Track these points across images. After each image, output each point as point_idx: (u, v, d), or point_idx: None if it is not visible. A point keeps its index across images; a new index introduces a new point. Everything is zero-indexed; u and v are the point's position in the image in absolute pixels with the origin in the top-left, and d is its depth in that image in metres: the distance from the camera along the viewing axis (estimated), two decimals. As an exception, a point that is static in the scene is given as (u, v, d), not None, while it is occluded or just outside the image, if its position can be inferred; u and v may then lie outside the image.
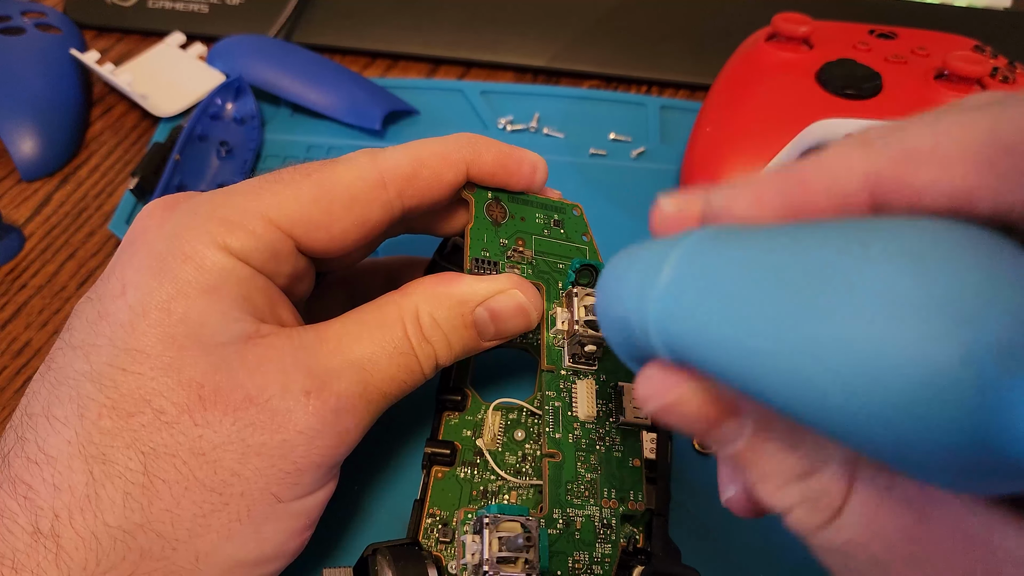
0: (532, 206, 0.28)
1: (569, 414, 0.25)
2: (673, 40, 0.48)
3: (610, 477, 0.25)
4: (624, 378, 0.27)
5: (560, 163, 0.42)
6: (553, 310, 0.26)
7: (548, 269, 0.27)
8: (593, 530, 0.24)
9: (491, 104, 0.45)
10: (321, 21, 0.48)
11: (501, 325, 0.25)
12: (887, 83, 0.36)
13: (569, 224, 0.28)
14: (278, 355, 0.22)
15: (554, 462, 0.25)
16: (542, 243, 0.27)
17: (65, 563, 0.20)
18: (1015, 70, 0.38)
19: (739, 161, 0.36)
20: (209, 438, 0.21)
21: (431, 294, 0.24)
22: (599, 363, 0.26)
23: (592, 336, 0.25)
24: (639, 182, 0.41)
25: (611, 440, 0.26)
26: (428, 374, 0.24)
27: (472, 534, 0.22)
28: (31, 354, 0.34)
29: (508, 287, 0.25)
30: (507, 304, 0.25)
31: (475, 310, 0.24)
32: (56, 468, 0.20)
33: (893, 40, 0.39)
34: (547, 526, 0.24)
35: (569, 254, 0.28)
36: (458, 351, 0.25)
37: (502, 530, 0.22)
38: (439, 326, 0.24)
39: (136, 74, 0.44)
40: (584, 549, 0.24)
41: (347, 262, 0.28)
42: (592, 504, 0.25)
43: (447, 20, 0.48)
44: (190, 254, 0.22)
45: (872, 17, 0.43)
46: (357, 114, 0.42)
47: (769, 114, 0.36)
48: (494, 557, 0.22)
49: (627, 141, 0.43)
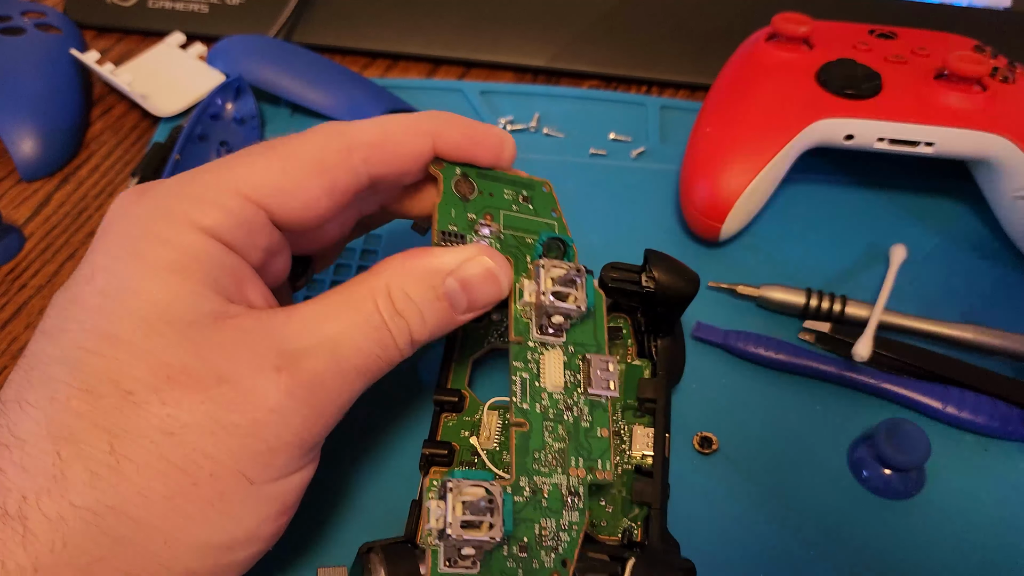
0: (501, 182, 0.28)
1: (537, 384, 0.25)
2: (673, 40, 0.48)
3: (578, 447, 0.25)
4: (592, 349, 0.27)
5: (560, 163, 0.42)
6: (520, 283, 0.26)
7: (516, 244, 0.27)
8: (560, 498, 0.24)
9: (491, 104, 0.45)
10: (321, 21, 0.48)
11: (473, 294, 0.25)
12: (887, 83, 0.36)
13: (538, 200, 0.28)
14: (248, 335, 0.22)
15: (521, 431, 0.25)
16: (511, 219, 0.27)
17: (32, 545, 0.19)
18: (1015, 70, 0.38)
19: (739, 161, 0.36)
20: (179, 418, 0.21)
21: (400, 269, 0.24)
22: (567, 334, 0.26)
23: (559, 307, 0.25)
24: (639, 182, 0.41)
25: (579, 410, 0.26)
26: (404, 350, 0.24)
27: (437, 500, 0.22)
28: (31, 354, 0.34)
29: (476, 254, 0.25)
30: (476, 271, 0.25)
31: (446, 281, 0.24)
32: (25, 450, 0.20)
33: (893, 40, 0.39)
34: (514, 493, 0.24)
35: (538, 229, 0.28)
36: (432, 326, 0.24)
37: (466, 495, 0.22)
38: (411, 300, 0.24)
39: (136, 74, 0.44)
40: (551, 516, 0.24)
41: (324, 241, 0.28)
42: (559, 473, 0.25)
43: (447, 20, 0.48)
44: (160, 235, 0.22)
45: (872, 17, 0.43)
46: (357, 114, 0.42)
47: (769, 114, 0.36)
48: (458, 521, 0.22)
49: (627, 141, 0.43)
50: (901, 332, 0.35)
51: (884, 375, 0.33)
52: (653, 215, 0.40)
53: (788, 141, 0.36)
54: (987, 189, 0.38)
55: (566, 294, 0.26)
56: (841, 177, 0.42)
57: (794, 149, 0.36)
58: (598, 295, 0.27)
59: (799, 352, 0.33)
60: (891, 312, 0.35)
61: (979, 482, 0.31)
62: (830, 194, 0.41)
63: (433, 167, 0.27)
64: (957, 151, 0.36)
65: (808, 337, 0.35)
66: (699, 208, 0.36)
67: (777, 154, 0.36)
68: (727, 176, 0.36)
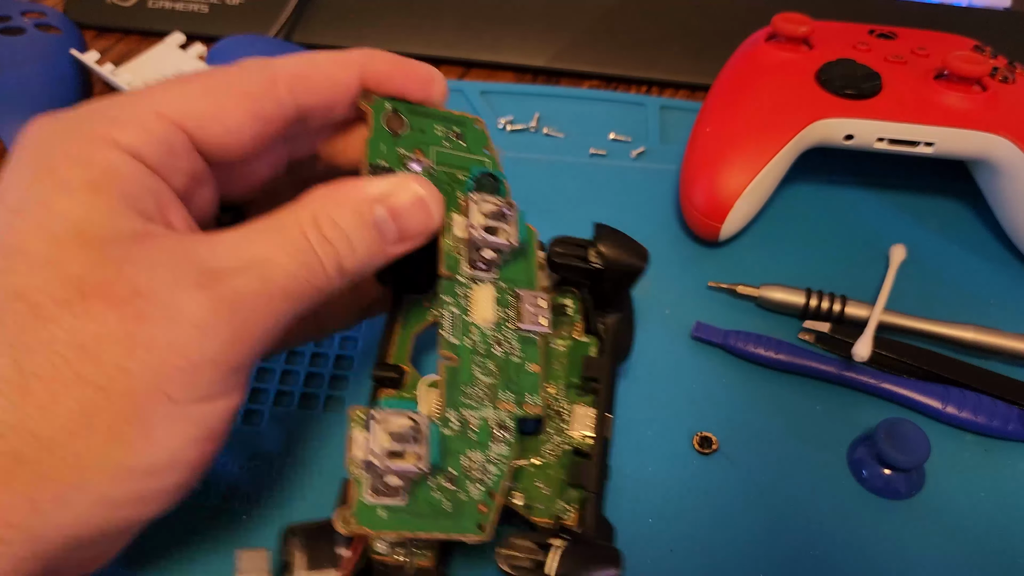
0: (432, 118, 0.27)
1: (466, 319, 0.25)
2: (673, 40, 0.48)
3: (508, 381, 0.25)
4: (523, 285, 0.26)
5: (560, 163, 0.42)
6: (451, 218, 0.26)
7: (448, 180, 0.27)
8: (489, 431, 0.24)
9: (491, 104, 0.45)
10: (321, 21, 0.48)
11: (402, 222, 0.24)
12: (887, 83, 0.36)
13: (470, 137, 0.28)
14: (168, 253, 0.21)
15: (450, 366, 0.24)
16: (442, 155, 0.27)
17: None
18: (1015, 70, 0.38)
19: (739, 161, 0.36)
20: (92, 330, 0.20)
21: (327, 198, 0.23)
22: (499, 270, 0.26)
23: (490, 241, 0.25)
24: (639, 182, 0.41)
25: (509, 346, 0.26)
26: (333, 277, 0.23)
27: (361, 430, 0.22)
28: (31, 354, 0.34)
29: (405, 182, 0.24)
30: (405, 199, 0.24)
31: (374, 209, 0.24)
32: None
33: (893, 40, 0.39)
34: (442, 426, 0.24)
35: (470, 166, 0.27)
36: (362, 254, 0.24)
37: (392, 426, 0.22)
38: (339, 227, 0.23)
39: (136, 74, 0.44)
40: (479, 449, 0.24)
41: (253, 181, 0.27)
42: (489, 407, 0.25)
43: (447, 20, 0.48)
44: (75, 153, 0.21)
45: (872, 17, 0.43)
46: (357, 114, 0.42)
47: (769, 114, 0.36)
48: (383, 451, 0.22)
49: (627, 141, 0.43)
50: (901, 332, 0.35)
51: (884, 375, 0.33)
52: (653, 215, 0.40)
53: (788, 141, 0.36)
54: (987, 189, 0.38)
55: (497, 228, 0.25)
56: (841, 177, 0.42)
57: (794, 149, 0.36)
58: (530, 232, 0.27)
59: (799, 352, 0.33)
60: (891, 312, 0.35)
61: (979, 482, 0.31)
62: (830, 194, 0.41)
63: (363, 102, 0.26)
64: (957, 151, 0.36)
65: (808, 337, 0.35)
66: (699, 208, 0.36)
67: (777, 154, 0.36)
68: (727, 176, 0.36)
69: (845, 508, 0.30)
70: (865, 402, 0.33)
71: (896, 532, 0.29)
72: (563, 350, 0.29)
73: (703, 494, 0.30)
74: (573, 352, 0.29)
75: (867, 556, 0.29)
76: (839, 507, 0.30)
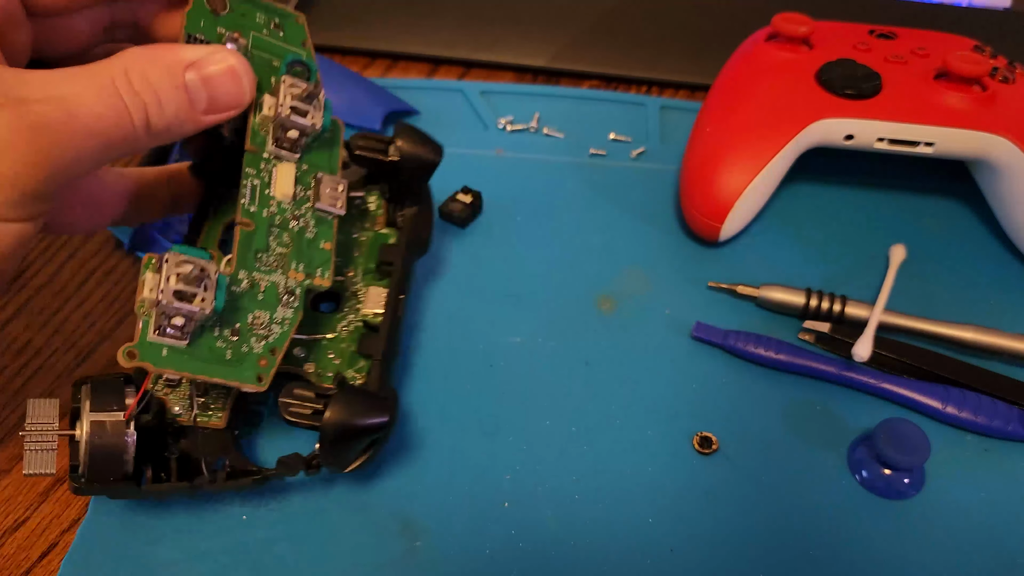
0: (255, 6, 0.29)
1: (266, 193, 0.27)
2: (673, 40, 0.48)
3: (299, 254, 0.27)
4: (325, 170, 0.29)
5: (560, 163, 0.42)
6: (262, 98, 0.27)
7: (262, 64, 0.28)
8: (276, 295, 0.27)
9: (491, 104, 0.45)
10: (321, 21, 0.48)
11: (214, 91, 0.25)
12: (887, 83, 0.36)
13: (290, 29, 0.29)
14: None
15: (246, 231, 0.26)
16: (259, 40, 0.28)
17: None
18: (1015, 70, 0.38)
19: (739, 161, 0.36)
20: None
21: (140, 55, 0.24)
22: (303, 153, 0.28)
23: (295, 122, 0.27)
24: (639, 182, 0.41)
25: (305, 222, 0.28)
26: (140, 130, 0.24)
27: (152, 272, 0.24)
28: (31, 353, 0.34)
29: (219, 52, 0.25)
30: (218, 68, 0.25)
31: (186, 73, 0.24)
32: None
33: (893, 40, 0.39)
34: (232, 284, 0.26)
35: (285, 55, 0.29)
36: (171, 116, 0.24)
37: (181, 269, 0.24)
38: (149, 82, 0.23)
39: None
40: (265, 309, 0.26)
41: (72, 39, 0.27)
42: (279, 274, 0.27)
43: (447, 20, 0.48)
44: None
45: (872, 17, 0.43)
46: (357, 114, 0.42)
47: (769, 114, 0.36)
48: (171, 290, 0.23)
49: (627, 141, 0.43)
50: (901, 332, 0.35)
51: (884, 375, 0.33)
52: (653, 215, 0.40)
53: (788, 141, 0.36)
54: (987, 189, 0.38)
55: (304, 110, 0.27)
56: (841, 177, 0.42)
57: (794, 149, 0.36)
58: (337, 125, 0.30)
59: (799, 352, 0.34)
60: (891, 312, 0.35)
61: (979, 482, 0.31)
62: (830, 194, 0.41)
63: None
64: (957, 151, 0.36)
65: (808, 337, 0.35)
66: (699, 208, 0.36)
67: (777, 154, 0.36)
68: (727, 176, 0.36)
69: (845, 508, 0.30)
70: (865, 402, 0.33)
71: (896, 532, 0.30)
72: (364, 240, 0.32)
73: (703, 494, 0.30)
74: (373, 242, 0.32)
75: (867, 556, 0.29)
76: (839, 507, 0.30)
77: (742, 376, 0.34)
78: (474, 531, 0.29)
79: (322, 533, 0.29)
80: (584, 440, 0.32)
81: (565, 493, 0.30)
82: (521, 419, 0.32)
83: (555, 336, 0.35)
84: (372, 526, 0.29)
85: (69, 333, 0.35)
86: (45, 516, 0.30)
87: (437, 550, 0.29)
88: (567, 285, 0.37)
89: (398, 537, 0.29)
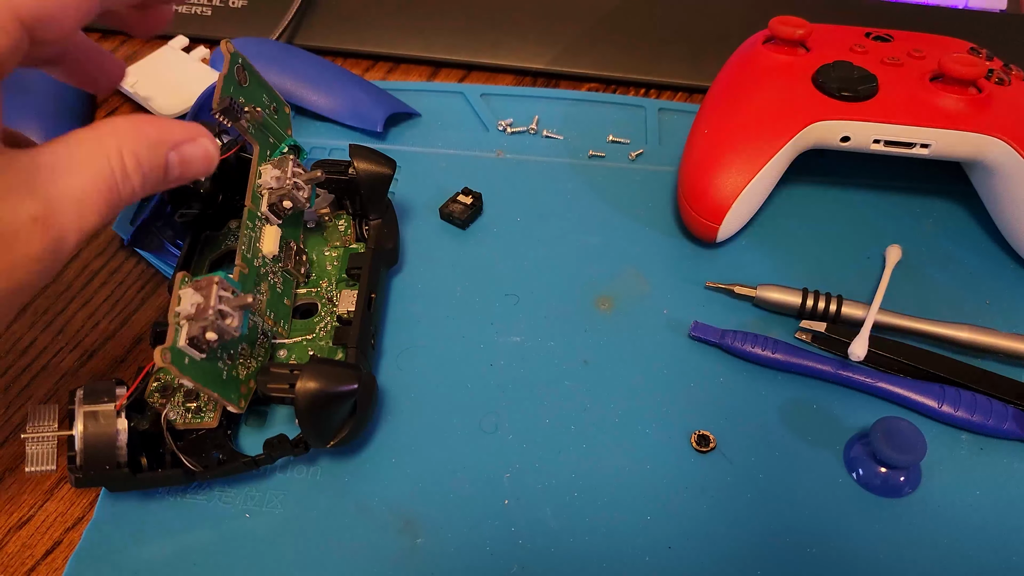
0: (264, 89, 0.35)
1: (257, 245, 0.32)
2: (671, 43, 0.48)
3: (272, 304, 0.32)
4: (294, 239, 0.34)
5: (559, 165, 0.42)
6: (265, 166, 0.33)
7: (264, 137, 0.34)
8: (257, 333, 0.31)
9: (491, 106, 0.45)
10: (323, 24, 0.49)
11: (187, 169, 0.27)
12: (883, 85, 0.36)
13: (281, 117, 0.36)
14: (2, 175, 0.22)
15: (243, 272, 0.30)
16: (264, 118, 0.34)
17: None
18: (1010, 72, 0.38)
19: (736, 162, 0.36)
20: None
21: (134, 134, 0.25)
22: (285, 220, 0.33)
23: (294, 196, 0.32)
24: (637, 183, 0.42)
25: (277, 278, 0.33)
26: (122, 207, 0.25)
27: (193, 289, 0.27)
28: (36, 353, 0.35)
29: (200, 135, 0.27)
30: (197, 152, 0.27)
31: (168, 154, 0.26)
32: None
33: (889, 43, 0.39)
34: None
35: (280, 137, 0.35)
36: (149, 188, 0.26)
37: (225, 292, 0.27)
38: (140, 165, 0.25)
39: (140, 76, 0.45)
40: (249, 344, 0.30)
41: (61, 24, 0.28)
42: (258, 316, 0.31)
43: (448, 23, 0.49)
44: None
45: (868, 20, 0.43)
46: (359, 116, 0.43)
47: (766, 116, 0.37)
48: (216, 310, 0.26)
49: (625, 143, 0.44)
50: (897, 332, 0.35)
51: (880, 374, 0.33)
52: (651, 216, 0.40)
53: (785, 143, 0.36)
54: (982, 190, 0.38)
55: (302, 187, 0.33)
56: (837, 178, 0.42)
57: (791, 151, 0.37)
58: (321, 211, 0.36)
59: (795, 352, 0.34)
60: (887, 312, 0.35)
61: (974, 481, 0.31)
62: (826, 195, 0.41)
63: (226, 44, 0.32)
64: (953, 153, 0.36)
65: (804, 337, 0.35)
66: (697, 209, 0.37)
67: (774, 156, 0.36)
68: (724, 178, 0.36)
69: (841, 506, 0.30)
70: (861, 401, 0.33)
71: (892, 530, 0.30)
72: (337, 255, 0.36)
73: (701, 492, 0.31)
74: (344, 256, 0.36)
75: (863, 553, 0.29)
76: (835, 505, 0.30)
77: (739, 375, 0.34)
78: (474, 528, 0.29)
79: (324, 531, 0.29)
80: (583, 438, 0.32)
81: (564, 491, 0.31)
82: (520, 418, 0.33)
83: (554, 336, 0.35)
84: (374, 524, 0.29)
85: (73, 333, 0.36)
86: (50, 514, 0.30)
87: (438, 547, 0.29)
88: (566, 285, 0.37)
89: (399, 535, 0.29)
